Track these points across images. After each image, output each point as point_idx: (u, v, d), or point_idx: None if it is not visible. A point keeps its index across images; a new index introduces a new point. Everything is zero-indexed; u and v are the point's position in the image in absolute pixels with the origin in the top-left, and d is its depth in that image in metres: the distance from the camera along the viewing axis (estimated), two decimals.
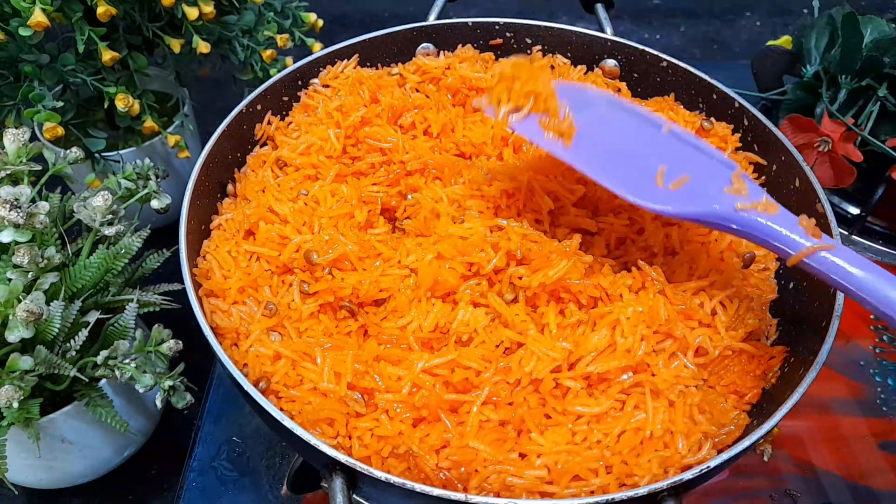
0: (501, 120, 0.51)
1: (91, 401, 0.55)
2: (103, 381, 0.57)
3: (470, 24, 0.70)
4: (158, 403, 0.56)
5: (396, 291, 0.50)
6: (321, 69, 0.66)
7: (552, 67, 0.68)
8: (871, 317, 0.76)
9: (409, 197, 0.57)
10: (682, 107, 0.66)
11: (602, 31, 0.71)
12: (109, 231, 0.56)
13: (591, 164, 0.48)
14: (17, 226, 0.50)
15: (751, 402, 0.49)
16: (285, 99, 0.64)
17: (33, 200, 0.53)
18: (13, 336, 0.48)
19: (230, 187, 0.60)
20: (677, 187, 0.45)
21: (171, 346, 0.55)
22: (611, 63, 0.69)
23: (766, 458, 0.64)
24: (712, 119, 0.64)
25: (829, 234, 0.52)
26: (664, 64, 0.67)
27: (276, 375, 0.47)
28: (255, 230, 0.54)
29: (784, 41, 0.90)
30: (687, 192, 0.45)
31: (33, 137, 0.72)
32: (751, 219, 0.43)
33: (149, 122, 0.73)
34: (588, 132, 0.50)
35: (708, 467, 0.41)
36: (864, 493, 0.62)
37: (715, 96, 0.65)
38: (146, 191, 0.60)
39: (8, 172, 0.55)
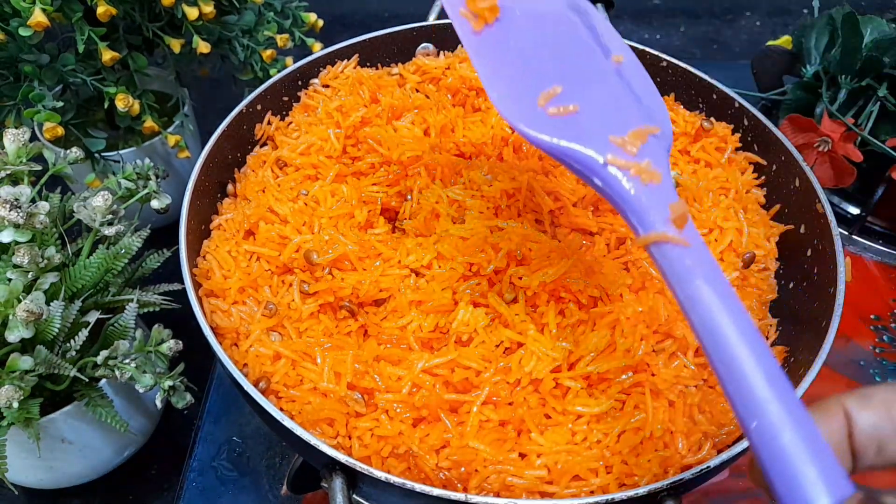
0: None
1: (91, 401, 0.55)
2: (103, 381, 0.57)
3: None
4: (158, 403, 0.56)
5: (396, 291, 0.50)
6: (321, 69, 0.66)
7: None
8: (872, 317, 0.76)
9: (409, 197, 0.57)
10: (682, 107, 0.66)
11: None
12: (109, 231, 0.56)
13: (488, 59, 0.41)
14: (17, 226, 0.50)
15: None
16: (285, 99, 0.64)
17: (33, 200, 0.53)
18: (13, 336, 0.48)
19: (230, 187, 0.60)
20: (556, 115, 0.38)
21: (171, 346, 0.55)
22: None
23: None
24: (712, 119, 0.64)
25: (830, 234, 0.52)
26: (664, 64, 0.67)
27: (276, 375, 0.47)
28: (255, 230, 0.54)
29: (784, 41, 0.90)
30: (564, 122, 0.38)
31: (33, 137, 0.72)
32: (615, 178, 0.36)
33: (149, 122, 0.73)
34: (514, 24, 0.43)
35: (708, 467, 0.41)
36: (864, 493, 0.62)
37: (715, 96, 0.65)
38: (146, 191, 0.60)
39: (8, 172, 0.55)
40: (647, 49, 0.68)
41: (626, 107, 0.39)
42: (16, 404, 0.48)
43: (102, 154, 0.74)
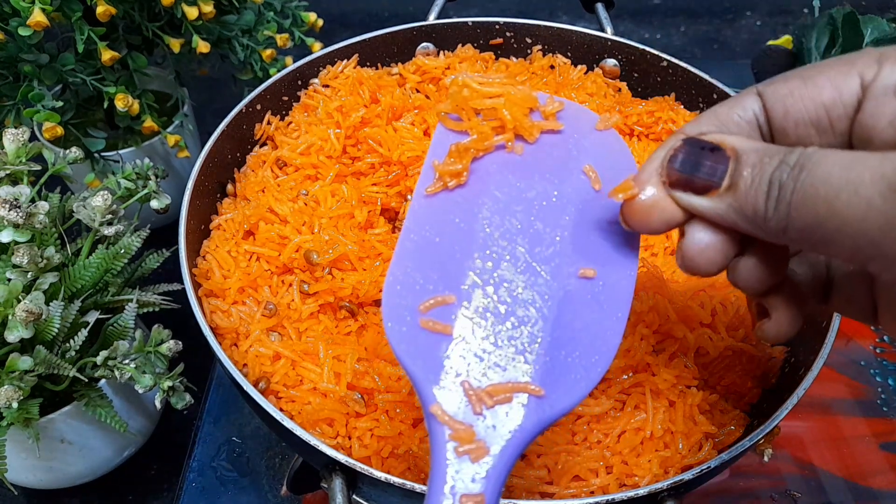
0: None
1: (90, 401, 0.55)
2: (103, 381, 0.57)
3: (470, 23, 0.70)
4: (158, 404, 0.56)
5: None
6: (321, 69, 0.66)
7: (552, 67, 0.68)
8: None
9: (409, 197, 0.57)
10: (682, 106, 0.66)
11: (602, 30, 0.71)
12: (109, 231, 0.56)
13: (418, 228, 0.35)
14: (16, 226, 0.50)
15: (751, 403, 0.49)
16: (285, 99, 0.64)
17: (33, 200, 0.53)
18: (12, 336, 0.48)
19: (230, 187, 0.59)
20: (425, 327, 0.31)
21: (170, 346, 0.55)
22: (611, 63, 0.69)
23: (766, 459, 0.64)
24: None
25: None
26: (664, 63, 0.67)
27: (276, 375, 0.47)
28: (254, 230, 0.54)
29: (784, 41, 0.90)
30: (426, 338, 0.32)
31: (33, 137, 0.72)
32: (433, 428, 0.29)
33: (148, 122, 0.73)
34: (475, 195, 0.35)
35: (708, 467, 0.41)
36: (864, 493, 0.62)
37: (715, 96, 0.65)
38: (146, 191, 0.60)
39: (7, 172, 0.55)
40: (648, 49, 0.67)
41: (522, 349, 0.31)
42: (15, 404, 0.48)
43: (102, 154, 0.74)
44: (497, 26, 0.70)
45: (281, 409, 0.44)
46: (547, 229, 0.35)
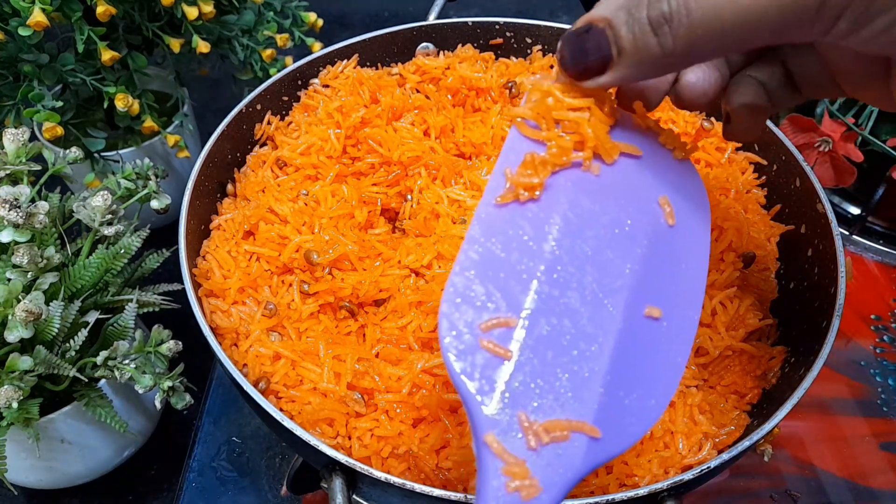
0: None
1: (90, 401, 0.55)
2: (103, 381, 0.57)
3: (470, 23, 0.70)
4: (158, 404, 0.56)
5: (396, 292, 0.50)
6: (321, 69, 0.66)
7: (552, 67, 0.68)
8: (872, 317, 0.75)
9: (409, 197, 0.57)
10: None
11: None
12: (109, 231, 0.56)
13: (484, 239, 0.32)
14: (16, 226, 0.50)
15: (751, 403, 0.49)
16: (285, 99, 0.64)
17: (33, 200, 0.53)
18: (12, 336, 0.48)
19: (230, 187, 0.59)
20: (484, 347, 0.30)
21: (170, 346, 0.55)
22: None
23: (766, 459, 0.64)
24: (713, 119, 0.64)
25: (830, 234, 0.52)
26: None
27: (276, 376, 0.47)
28: (254, 230, 0.54)
29: None
30: (484, 358, 0.30)
31: (33, 137, 0.72)
32: (484, 460, 0.28)
33: (148, 122, 0.73)
34: (547, 214, 0.33)
35: (708, 467, 0.41)
36: (864, 493, 0.62)
37: None
38: (146, 191, 0.60)
39: (7, 172, 0.55)
40: None
41: (581, 385, 0.30)
42: (15, 404, 0.48)
43: (102, 154, 0.74)
44: (497, 26, 0.70)
45: (281, 409, 0.44)
46: (617, 260, 0.33)
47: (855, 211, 0.85)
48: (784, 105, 0.37)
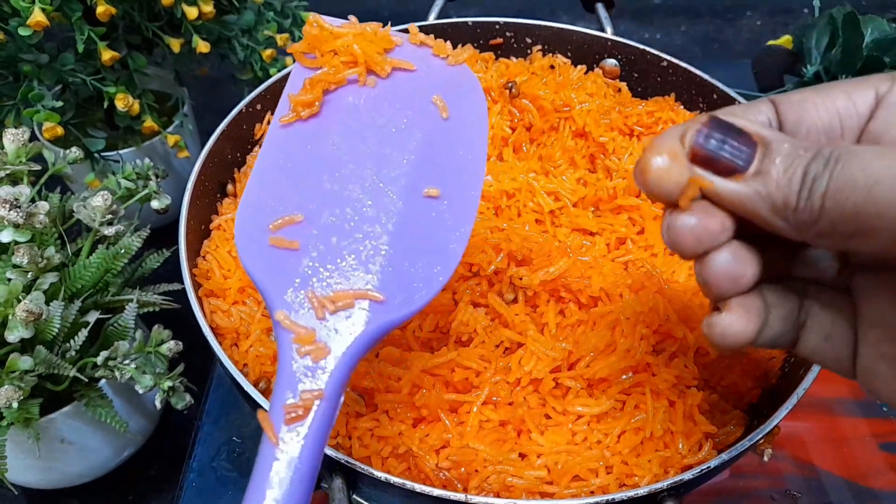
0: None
1: (90, 401, 0.55)
2: (103, 381, 0.57)
3: (470, 23, 0.70)
4: (158, 404, 0.56)
5: None
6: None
7: (552, 67, 0.68)
8: None
9: None
10: (682, 107, 0.66)
11: (602, 30, 0.71)
12: (109, 231, 0.56)
13: (273, 155, 0.37)
14: (16, 226, 0.50)
15: (751, 403, 0.49)
16: None
17: (33, 200, 0.53)
18: (13, 336, 0.48)
19: (230, 187, 0.59)
20: (274, 243, 0.34)
21: (170, 346, 0.55)
22: (611, 63, 0.69)
23: (766, 459, 0.64)
24: None
25: None
26: (664, 63, 0.67)
27: None
28: None
29: (784, 41, 0.90)
30: (276, 254, 0.34)
31: (33, 137, 0.72)
32: (279, 334, 0.32)
33: (148, 122, 0.73)
34: (328, 123, 0.39)
35: (708, 467, 0.41)
36: (864, 493, 0.62)
37: (715, 96, 0.65)
38: (146, 191, 0.60)
39: (7, 172, 0.55)
40: (648, 49, 0.67)
41: (366, 260, 0.34)
42: (15, 404, 0.48)
43: (102, 154, 0.74)
44: (497, 26, 0.70)
45: None
46: (395, 153, 0.38)
47: None
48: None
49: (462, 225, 0.36)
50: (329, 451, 0.40)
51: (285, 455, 0.29)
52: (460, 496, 0.38)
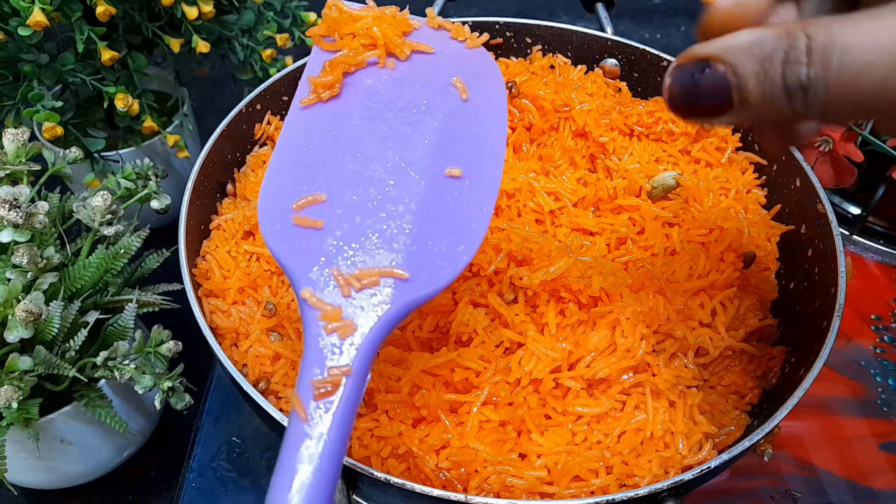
0: None
1: (90, 401, 0.55)
2: (102, 381, 0.57)
3: (470, 23, 0.70)
4: (157, 404, 0.56)
5: None
6: None
7: (552, 67, 0.68)
8: (872, 317, 0.75)
9: None
10: None
11: (602, 30, 0.70)
12: (109, 231, 0.56)
13: (295, 135, 0.38)
14: (16, 226, 0.50)
15: (751, 403, 0.49)
16: (285, 99, 0.64)
17: (32, 200, 0.53)
18: (12, 336, 0.48)
19: (230, 187, 0.59)
20: (299, 223, 0.34)
21: (170, 347, 0.55)
22: (611, 62, 0.69)
23: (766, 459, 0.64)
24: None
25: (830, 234, 0.52)
26: (664, 63, 0.67)
27: (276, 376, 0.47)
28: (254, 231, 0.54)
29: None
30: (300, 234, 0.34)
31: (32, 137, 0.72)
32: (305, 312, 0.32)
33: (148, 122, 0.73)
34: (350, 104, 0.39)
35: (708, 468, 0.41)
36: (865, 493, 0.62)
37: None
38: (146, 191, 0.60)
39: (7, 172, 0.55)
40: (648, 49, 0.67)
41: (390, 239, 0.34)
42: (15, 404, 0.48)
43: (102, 154, 0.74)
44: (497, 26, 0.70)
45: (281, 410, 0.44)
46: (416, 134, 0.38)
47: (855, 211, 0.85)
48: None
49: (484, 204, 0.36)
50: None
51: (315, 430, 0.30)
52: (460, 496, 0.38)
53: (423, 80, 0.40)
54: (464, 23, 0.70)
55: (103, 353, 0.53)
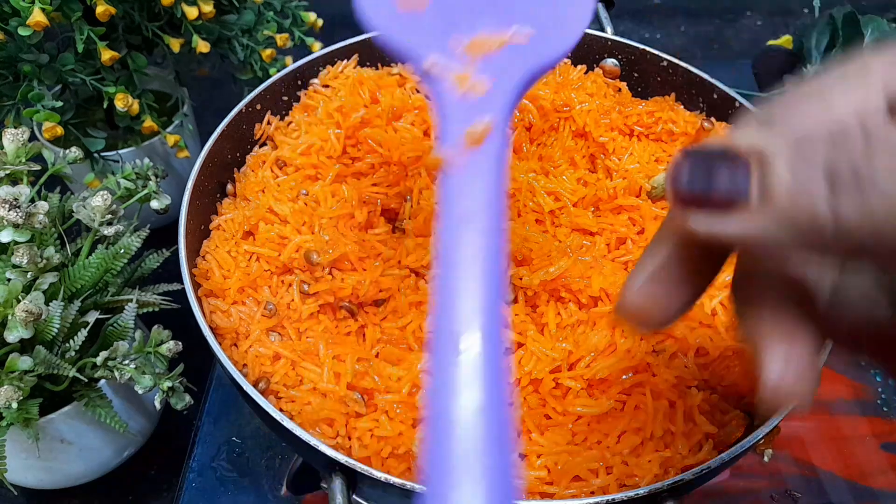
0: None
1: (90, 401, 0.55)
2: (102, 381, 0.57)
3: None
4: (157, 404, 0.56)
5: (396, 292, 0.50)
6: (321, 69, 0.66)
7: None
8: None
9: (409, 199, 0.57)
10: (682, 107, 0.66)
11: (602, 30, 0.70)
12: (109, 231, 0.56)
13: None
14: (16, 226, 0.50)
15: (751, 403, 0.49)
16: (285, 99, 0.64)
17: (32, 200, 0.53)
18: (12, 336, 0.48)
19: (230, 187, 0.59)
20: (403, 7, 0.33)
21: (170, 347, 0.55)
22: (611, 62, 0.69)
23: (766, 459, 0.64)
24: (713, 119, 0.64)
25: None
26: (664, 63, 0.67)
27: (276, 376, 0.47)
28: (254, 230, 0.54)
29: (785, 41, 0.90)
30: (407, 17, 0.33)
31: (32, 137, 0.72)
32: (432, 84, 0.31)
33: (148, 122, 0.73)
34: None
35: (708, 468, 0.41)
36: (864, 493, 0.62)
37: (715, 96, 0.65)
38: (146, 191, 0.60)
39: (7, 172, 0.55)
40: (648, 48, 0.67)
41: (503, 6, 0.33)
42: (15, 405, 0.48)
43: (102, 154, 0.74)
44: None
45: (281, 410, 0.44)
46: None
47: None
48: None
49: None
50: (329, 452, 0.40)
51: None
52: None
53: None
54: None
55: (103, 353, 0.53)
